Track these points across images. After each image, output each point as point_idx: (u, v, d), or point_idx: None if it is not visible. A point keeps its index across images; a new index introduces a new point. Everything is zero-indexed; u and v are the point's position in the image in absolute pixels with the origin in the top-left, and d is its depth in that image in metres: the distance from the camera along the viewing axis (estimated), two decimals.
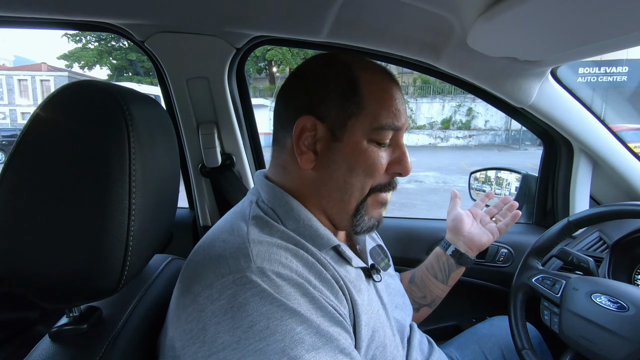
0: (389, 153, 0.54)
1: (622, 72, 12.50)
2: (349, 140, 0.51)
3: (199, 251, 0.48)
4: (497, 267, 1.12)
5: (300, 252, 0.47)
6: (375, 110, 0.51)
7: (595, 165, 1.05)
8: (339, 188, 0.53)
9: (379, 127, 0.51)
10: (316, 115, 0.51)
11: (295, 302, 0.40)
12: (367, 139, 0.51)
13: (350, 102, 0.50)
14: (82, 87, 0.41)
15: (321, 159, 0.52)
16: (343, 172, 0.52)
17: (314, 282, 0.45)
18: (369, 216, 0.55)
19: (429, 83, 18.62)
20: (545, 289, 0.76)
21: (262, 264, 0.42)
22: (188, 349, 0.40)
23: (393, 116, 0.52)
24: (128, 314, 0.51)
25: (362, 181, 0.52)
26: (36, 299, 0.42)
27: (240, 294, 0.39)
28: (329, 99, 0.51)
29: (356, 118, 0.51)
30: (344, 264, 0.54)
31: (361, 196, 0.53)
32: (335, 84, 0.51)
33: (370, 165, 0.52)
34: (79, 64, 21.49)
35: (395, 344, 0.54)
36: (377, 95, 0.51)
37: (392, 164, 0.54)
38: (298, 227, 0.51)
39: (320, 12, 0.75)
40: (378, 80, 0.52)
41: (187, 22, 0.87)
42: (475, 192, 1.36)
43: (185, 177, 1.21)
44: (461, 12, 0.67)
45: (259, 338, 0.37)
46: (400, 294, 0.69)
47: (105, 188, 0.39)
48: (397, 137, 0.55)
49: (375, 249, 0.70)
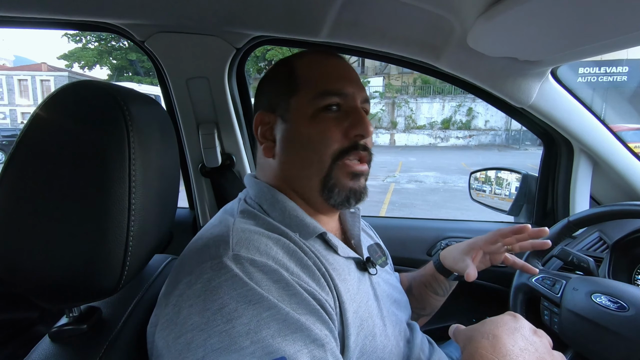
0: (344, 118, 0.55)
1: (622, 72, 12.50)
2: (295, 117, 0.55)
3: (188, 246, 0.50)
4: (497, 267, 1.11)
5: (282, 240, 0.48)
6: (312, 82, 0.55)
7: (595, 165, 1.05)
8: (298, 165, 0.56)
9: (318, 93, 0.54)
10: (267, 110, 0.58)
11: (265, 288, 0.41)
12: (313, 109, 0.54)
13: (287, 84, 0.56)
14: (82, 87, 0.41)
15: (279, 143, 0.57)
16: (298, 149, 0.55)
17: (293, 268, 0.45)
18: (339, 188, 0.55)
19: (429, 83, 18.62)
20: (545, 289, 0.76)
21: (239, 251, 0.43)
22: (162, 332, 0.41)
23: (332, 81, 0.55)
24: (128, 314, 0.51)
25: (319, 152, 0.54)
26: (36, 299, 0.42)
27: (215, 279, 0.41)
28: (273, 93, 0.58)
29: (296, 95, 0.55)
30: (331, 253, 0.54)
31: (322, 168, 0.54)
32: (277, 79, 0.59)
33: (321, 133, 0.54)
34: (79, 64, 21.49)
35: (386, 334, 0.54)
36: (313, 70, 0.56)
37: (349, 128, 0.54)
38: (284, 218, 0.53)
39: (320, 12, 0.75)
40: (313, 60, 0.58)
41: (187, 22, 0.87)
42: (476, 192, 1.36)
43: (185, 177, 1.21)
44: (461, 12, 0.67)
45: (226, 320, 0.38)
46: (397, 290, 0.69)
47: (105, 188, 0.39)
48: (349, 102, 0.56)
49: (373, 246, 0.70)
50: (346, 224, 0.66)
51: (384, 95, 19.28)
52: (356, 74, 0.60)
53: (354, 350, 0.47)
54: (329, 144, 0.53)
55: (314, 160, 0.54)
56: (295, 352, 0.38)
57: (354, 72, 0.59)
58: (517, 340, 0.44)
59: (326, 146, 0.53)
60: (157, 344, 0.42)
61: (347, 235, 0.65)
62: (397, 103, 18.46)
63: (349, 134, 0.54)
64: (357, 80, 0.58)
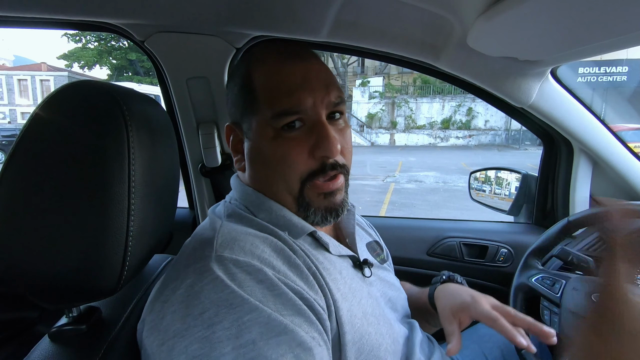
0: (308, 136, 0.50)
1: (622, 72, 12.49)
2: (256, 136, 0.52)
3: (180, 251, 0.50)
4: (497, 267, 1.12)
5: (270, 238, 0.48)
6: (269, 99, 0.50)
7: (595, 165, 1.05)
8: (268, 183, 0.54)
9: (275, 114, 0.49)
10: (235, 121, 0.55)
11: (248, 289, 0.40)
12: (273, 130, 0.50)
13: (248, 100, 0.52)
14: (82, 87, 0.41)
15: (247, 160, 0.55)
16: (261, 168, 0.53)
17: (279, 267, 0.44)
18: (314, 208, 0.52)
19: (429, 83, 18.61)
20: (545, 289, 0.76)
21: (223, 252, 0.43)
22: (147, 339, 0.41)
23: (287, 97, 0.49)
24: (128, 314, 0.51)
25: (283, 174, 0.51)
26: (36, 299, 0.42)
27: (197, 283, 0.40)
28: (236, 103, 0.54)
29: (256, 114, 0.51)
30: (321, 251, 0.54)
31: (292, 190, 0.52)
32: (238, 86, 0.54)
33: (282, 156, 0.50)
34: (79, 64, 21.51)
35: (381, 332, 0.53)
36: (268, 84, 0.51)
37: (314, 148, 0.50)
38: (271, 218, 0.52)
39: (320, 12, 0.75)
40: (268, 69, 0.51)
41: (187, 22, 0.87)
42: (476, 192, 1.36)
43: (185, 177, 1.21)
44: (461, 12, 0.67)
45: (207, 325, 0.37)
46: (395, 288, 0.68)
47: (104, 188, 0.39)
48: (312, 116, 0.50)
49: (372, 243, 0.70)
50: (341, 221, 0.65)
51: (384, 95, 19.27)
52: (324, 72, 0.53)
53: (350, 348, 0.47)
54: (294, 167, 0.50)
55: (280, 181, 0.52)
56: (278, 356, 0.36)
57: (319, 73, 0.52)
58: None
59: (291, 169, 0.50)
60: (145, 350, 0.42)
61: (342, 233, 0.64)
62: (397, 103, 18.45)
63: (315, 154, 0.50)
64: (322, 83, 0.51)
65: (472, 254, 1.15)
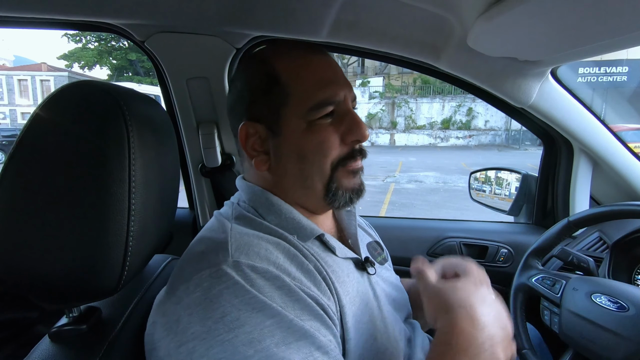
0: (339, 125, 0.53)
1: (622, 72, 12.49)
2: (287, 130, 0.52)
3: (186, 251, 0.50)
4: (497, 267, 1.12)
5: (282, 244, 0.48)
6: (302, 92, 0.51)
7: (595, 165, 1.05)
8: (297, 178, 0.54)
9: (311, 106, 0.51)
10: (252, 119, 0.54)
11: (268, 295, 0.40)
12: (306, 121, 0.51)
13: (274, 94, 0.52)
14: (82, 87, 0.41)
15: (273, 156, 0.54)
16: (295, 162, 0.53)
17: (294, 273, 0.45)
18: (343, 190, 0.54)
19: (429, 83, 18.62)
20: (545, 289, 0.76)
21: (239, 258, 0.43)
22: (162, 341, 0.41)
23: (324, 89, 0.52)
24: (128, 314, 0.51)
25: (318, 163, 0.52)
26: (36, 299, 0.42)
27: (214, 287, 0.40)
28: (256, 100, 0.53)
29: (286, 106, 0.52)
30: (329, 254, 0.54)
31: (324, 177, 0.53)
32: (257, 82, 0.53)
33: (319, 145, 0.52)
34: (79, 64, 21.52)
35: (387, 336, 0.53)
36: (299, 77, 0.52)
37: (346, 134, 0.53)
38: (280, 221, 0.52)
39: (320, 12, 0.75)
40: (295, 62, 0.53)
41: (187, 22, 0.87)
42: (476, 192, 1.36)
43: (185, 177, 1.21)
44: (461, 12, 0.67)
45: (229, 329, 0.37)
46: (397, 288, 0.68)
47: (104, 188, 0.39)
48: (342, 106, 0.54)
49: (372, 243, 0.70)
50: (342, 222, 0.65)
51: (384, 95, 19.28)
52: (340, 68, 0.57)
53: (354, 353, 0.47)
54: (328, 153, 0.52)
55: (314, 171, 0.53)
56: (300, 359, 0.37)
57: (339, 68, 0.56)
58: (487, 308, 0.45)
59: (325, 156, 0.52)
60: (157, 352, 0.42)
61: (344, 234, 0.64)
62: (397, 103, 18.45)
63: (346, 140, 0.53)
64: (344, 78, 0.56)
65: (472, 254, 1.15)
